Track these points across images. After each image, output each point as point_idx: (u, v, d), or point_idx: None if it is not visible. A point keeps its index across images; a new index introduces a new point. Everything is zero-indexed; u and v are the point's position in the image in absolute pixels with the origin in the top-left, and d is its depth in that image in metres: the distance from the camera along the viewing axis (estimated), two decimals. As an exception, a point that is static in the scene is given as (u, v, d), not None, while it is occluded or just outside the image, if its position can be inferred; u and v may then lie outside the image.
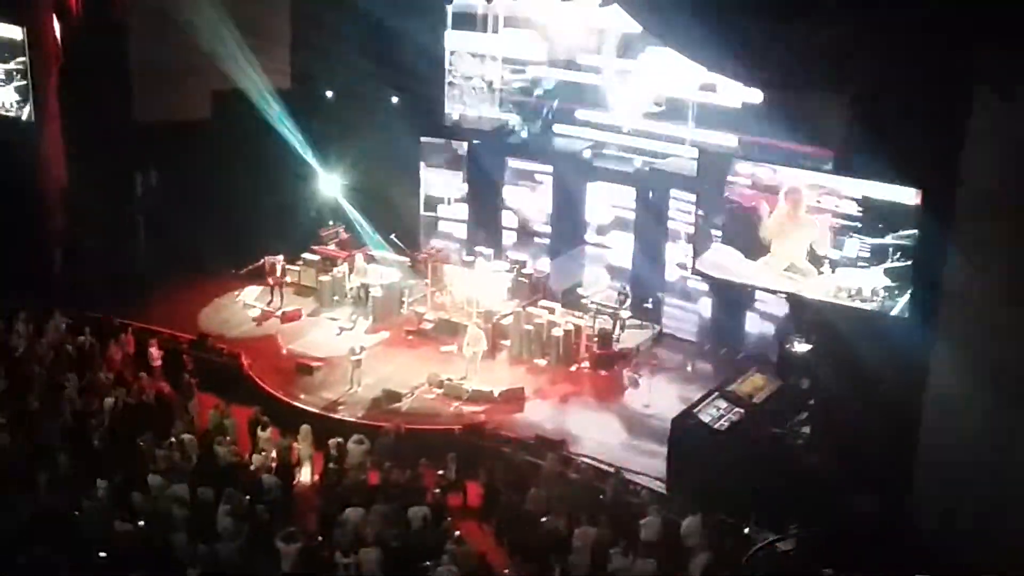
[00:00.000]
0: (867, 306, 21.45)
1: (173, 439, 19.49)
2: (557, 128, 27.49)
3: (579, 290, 24.40)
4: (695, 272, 24.72)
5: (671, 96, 26.14)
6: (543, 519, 17.85)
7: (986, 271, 18.40)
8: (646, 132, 26.52)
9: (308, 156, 27.25)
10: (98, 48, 25.44)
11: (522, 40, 27.13)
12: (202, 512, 17.68)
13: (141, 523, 17.39)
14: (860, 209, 21.23)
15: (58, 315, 23.40)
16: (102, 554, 16.83)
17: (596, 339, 23.09)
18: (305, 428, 20.04)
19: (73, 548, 16.77)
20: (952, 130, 19.35)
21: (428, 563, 16.57)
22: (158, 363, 22.38)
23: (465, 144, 28.60)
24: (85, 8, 25.31)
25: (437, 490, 18.69)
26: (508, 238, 28.15)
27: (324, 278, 25.39)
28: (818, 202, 21.71)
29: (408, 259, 25.69)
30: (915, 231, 20.62)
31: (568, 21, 26.41)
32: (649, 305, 23.96)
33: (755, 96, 24.20)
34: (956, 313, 19.26)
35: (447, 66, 28.44)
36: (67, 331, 23.11)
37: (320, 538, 17.33)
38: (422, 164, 29.26)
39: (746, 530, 17.45)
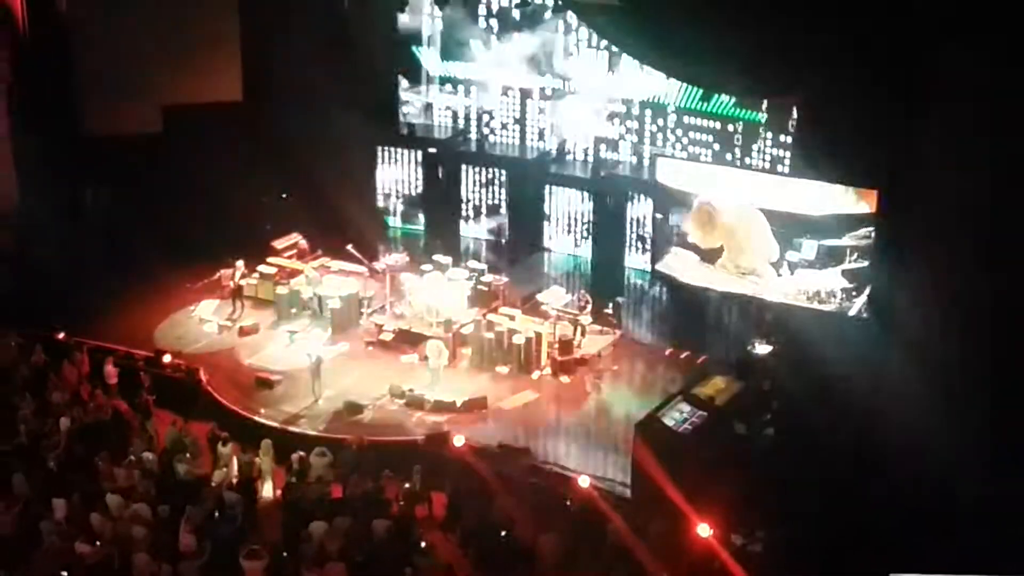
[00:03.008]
0: (825, 307, 21.66)
1: (132, 457, 19.21)
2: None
3: (539, 296, 24.34)
4: (654, 275, 24.90)
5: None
6: (509, 528, 17.77)
7: (941, 271, 18.57)
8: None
9: (262, 168, 27.04)
10: (46, 63, 25.14)
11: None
12: (163, 530, 17.43)
13: (100, 543, 17.11)
14: (816, 210, 21.49)
15: (10, 335, 23.00)
16: (62, 574, 16.56)
17: (557, 345, 23.03)
18: (266, 442, 19.81)
19: (32, 570, 16.48)
20: (905, 131, 19.54)
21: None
22: (114, 381, 22.05)
23: (420, 152, 28.66)
24: (32, 24, 25.00)
25: (402, 502, 18.56)
26: (466, 245, 28.19)
27: (281, 290, 25.15)
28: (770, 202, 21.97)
29: (366, 269, 25.50)
30: (871, 231, 20.84)
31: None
32: (609, 310, 23.94)
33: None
34: (913, 312, 19.45)
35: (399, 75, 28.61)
36: (19, 351, 22.73)
37: (284, 553, 17.12)
38: (378, 173, 29.23)
39: None
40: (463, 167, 28.64)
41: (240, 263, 24.94)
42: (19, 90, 25.09)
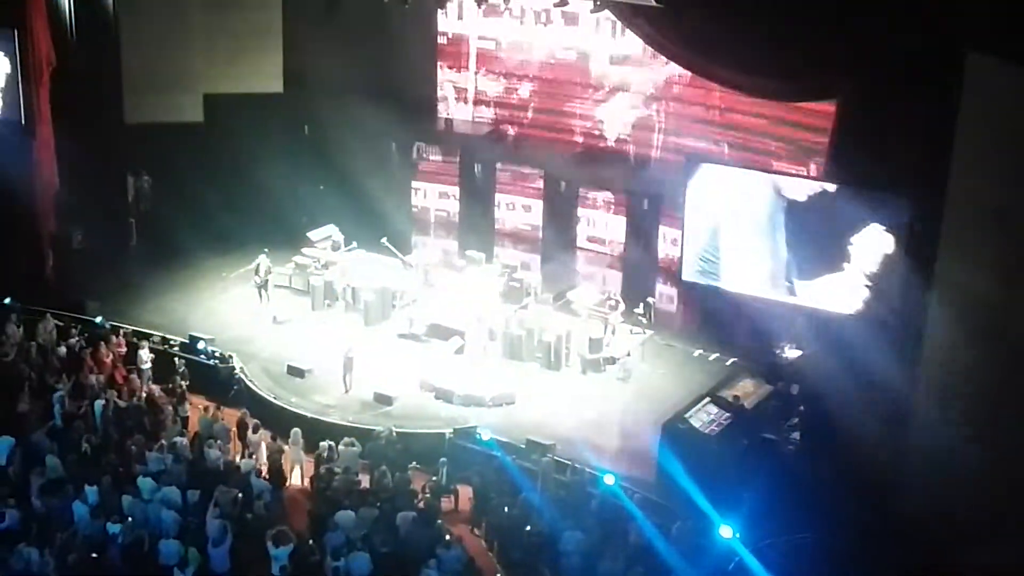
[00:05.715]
0: (856, 311, 21.55)
1: (164, 442, 19.47)
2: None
3: (570, 294, 24.41)
4: (685, 279, 24.83)
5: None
6: (533, 523, 17.87)
7: (975, 274, 18.46)
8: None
9: (300, 159, 27.26)
10: (90, 51, 25.46)
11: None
12: (192, 515, 17.67)
13: (131, 526, 17.35)
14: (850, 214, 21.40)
15: (49, 317, 23.36)
16: (93, 555, 16.83)
17: (587, 343, 23.10)
18: (296, 431, 20.03)
19: (64, 550, 16.77)
20: (939, 133, 19.44)
21: (418, 567, 16.61)
22: (149, 365, 22.35)
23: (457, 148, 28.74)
24: (77, 11, 25.32)
25: (427, 494, 18.71)
26: (500, 242, 28.23)
27: (315, 281, 25.38)
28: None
29: (400, 262, 25.68)
30: (905, 236, 20.73)
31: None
32: (639, 309, 23.97)
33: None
34: (945, 317, 19.36)
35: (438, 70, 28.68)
36: (57, 333, 23.07)
37: (311, 541, 17.32)
38: (414, 167, 29.35)
39: None
40: (499, 163, 28.71)
41: (263, 257, 25.16)
42: (63, 77, 25.40)
